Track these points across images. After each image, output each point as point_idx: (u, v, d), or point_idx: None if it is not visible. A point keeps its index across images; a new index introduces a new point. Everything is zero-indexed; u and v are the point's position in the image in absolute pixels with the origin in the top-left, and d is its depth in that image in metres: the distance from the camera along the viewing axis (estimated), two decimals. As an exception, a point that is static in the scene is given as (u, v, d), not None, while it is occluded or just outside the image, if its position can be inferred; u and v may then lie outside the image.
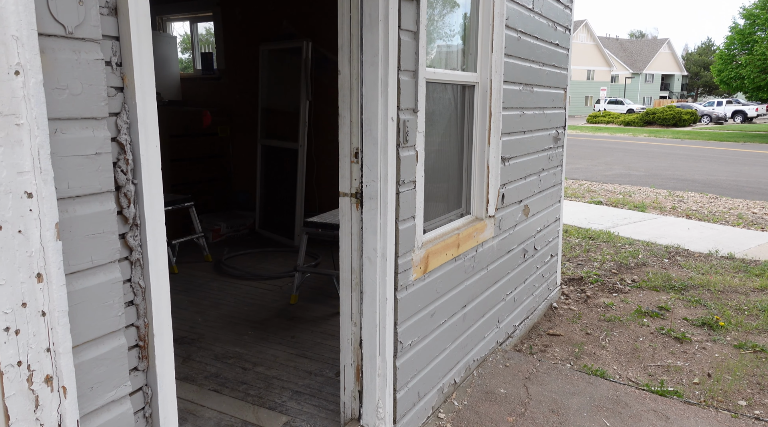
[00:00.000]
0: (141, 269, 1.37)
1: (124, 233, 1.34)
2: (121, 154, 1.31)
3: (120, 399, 1.32)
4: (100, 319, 1.27)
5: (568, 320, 4.60)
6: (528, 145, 4.00)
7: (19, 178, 1.08)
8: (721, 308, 4.87)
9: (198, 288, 4.64)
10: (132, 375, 1.38)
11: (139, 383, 1.40)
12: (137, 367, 1.40)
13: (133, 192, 1.33)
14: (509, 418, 3.05)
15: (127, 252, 1.35)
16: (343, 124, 2.43)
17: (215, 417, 2.78)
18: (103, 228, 1.26)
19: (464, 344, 3.31)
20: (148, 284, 1.38)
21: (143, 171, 1.34)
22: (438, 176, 3.14)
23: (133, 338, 1.38)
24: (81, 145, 1.21)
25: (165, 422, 1.45)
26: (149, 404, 1.43)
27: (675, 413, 3.19)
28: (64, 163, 1.19)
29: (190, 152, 6.31)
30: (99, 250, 1.26)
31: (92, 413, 1.26)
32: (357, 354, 2.58)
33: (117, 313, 1.30)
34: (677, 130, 30.56)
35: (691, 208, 9.34)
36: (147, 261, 1.37)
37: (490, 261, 3.56)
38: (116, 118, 1.30)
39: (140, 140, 1.32)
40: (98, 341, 1.27)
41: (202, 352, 3.48)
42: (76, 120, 1.20)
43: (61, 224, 1.18)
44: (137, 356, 1.39)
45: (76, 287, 1.22)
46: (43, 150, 1.12)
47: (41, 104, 1.10)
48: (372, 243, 2.44)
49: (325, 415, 2.80)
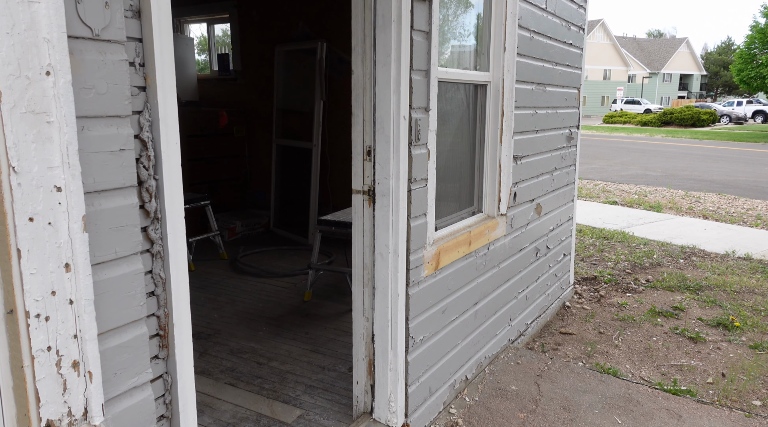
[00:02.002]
0: (162, 261, 1.43)
1: (145, 227, 1.40)
2: (144, 150, 1.37)
3: (142, 385, 1.38)
4: (124, 308, 1.33)
5: (581, 319, 4.61)
6: (540, 144, 4.02)
7: (49, 174, 1.15)
8: (736, 308, 4.83)
9: (214, 285, 4.73)
10: (153, 363, 1.45)
11: (159, 370, 1.47)
12: (158, 355, 1.46)
13: (154, 187, 1.39)
14: (520, 414, 3.07)
15: (148, 245, 1.41)
16: (356, 122, 2.48)
17: (231, 410, 2.84)
18: (126, 221, 1.33)
19: (476, 341, 3.34)
20: (168, 276, 1.44)
21: (164, 167, 1.40)
22: (450, 174, 3.18)
23: (154, 328, 1.44)
24: (106, 141, 1.28)
25: (184, 408, 1.51)
26: (169, 391, 1.49)
27: (688, 411, 3.19)
28: (91, 159, 1.25)
29: (207, 152, 6.42)
30: (122, 242, 1.32)
31: (116, 398, 1.33)
32: (369, 349, 2.62)
33: (139, 303, 1.36)
34: (695, 131, 30.20)
35: (708, 209, 9.25)
36: (167, 253, 1.43)
37: (502, 259, 3.59)
38: (139, 117, 1.36)
39: (161, 137, 1.38)
40: (122, 329, 1.33)
41: (218, 347, 3.56)
42: (101, 118, 1.26)
43: (87, 216, 1.24)
44: (158, 345, 1.46)
45: (101, 277, 1.28)
46: (72, 146, 1.18)
47: (70, 103, 1.16)
48: (384, 239, 2.48)
49: (338, 409, 2.85)
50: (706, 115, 33.60)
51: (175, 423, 1.51)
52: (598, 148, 20.39)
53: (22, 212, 1.11)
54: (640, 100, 45.90)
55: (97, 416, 1.26)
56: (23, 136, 1.10)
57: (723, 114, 37.32)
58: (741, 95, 53.90)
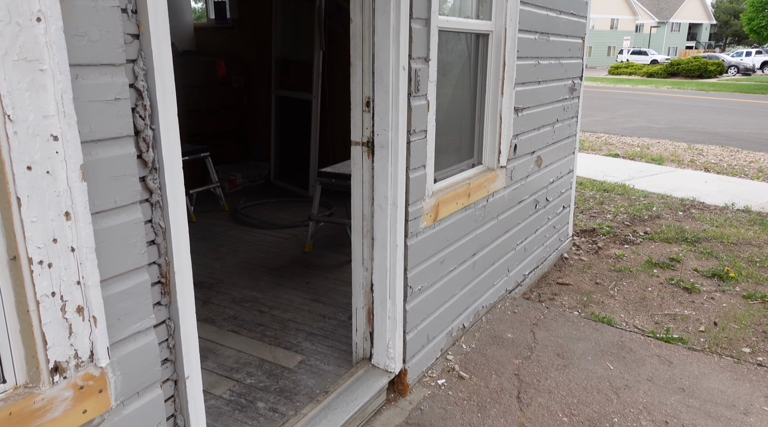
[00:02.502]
0: (161, 211, 1.45)
1: (144, 176, 1.41)
2: (139, 100, 1.36)
3: (145, 330, 1.43)
4: (125, 256, 1.35)
5: (578, 270, 4.67)
6: (542, 95, 3.97)
7: (45, 122, 1.15)
8: (732, 259, 4.89)
9: (216, 236, 4.78)
10: (156, 309, 1.49)
11: (162, 316, 1.51)
12: (160, 302, 1.50)
13: (151, 137, 1.39)
14: (515, 361, 3.17)
15: (147, 194, 1.42)
16: (355, 73, 2.45)
17: (234, 355, 2.93)
18: (124, 171, 1.34)
19: (473, 291, 3.40)
20: (168, 225, 1.46)
21: (160, 116, 1.40)
22: (450, 126, 3.16)
23: (155, 275, 1.47)
24: (101, 90, 1.27)
25: (187, 352, 1.56)
26: (172, 335, 1.54)
27: (678, 358, 3.28)
28: (86, 108, 1.25)
29: (206, 103, 6.35)
30: (121, 191, 1.33)
31: (120, 342, 1.37)
32: (368, 298, 2.68)
33: (140, 251, 1.39)
34: (702, 82, 29.69)
35: (710, 162, 9.22)
36: (166, 203, 1.45)
37: (501, 211, 3.61)
38: (133, 65, 1.34)
39: (157, 87, 1.38)
40: (124, 277, 1.36)
41: (221, 296, 3.63)
42: (95, 66, 1.25)
43: (84, 166, 1.25)
44: (160, 292, 1.49)
45: (101, 226, 1.30)
46: (66, 95, 1.17)
47: (62, 50, 1.15)
48: (383, 191, 2.50)
49: (338, 355, 2.94)
50: (714, 66, 32.95)
51: (178, 366, 1.56)
52: (602, 100, 20.11)
53: (19, 161, 1.12)
54: (647, 51, 44.90)
55: (103, 359, 1.31)
56: (17, 84, 1.10)
57: (731, 65, 36.58)
58: (750, 45, 52.67)
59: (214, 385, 2.67)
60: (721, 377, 3.10)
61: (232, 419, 2.42)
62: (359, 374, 2.65)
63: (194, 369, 1.59)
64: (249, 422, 2.40)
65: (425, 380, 2.94)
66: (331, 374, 2.75)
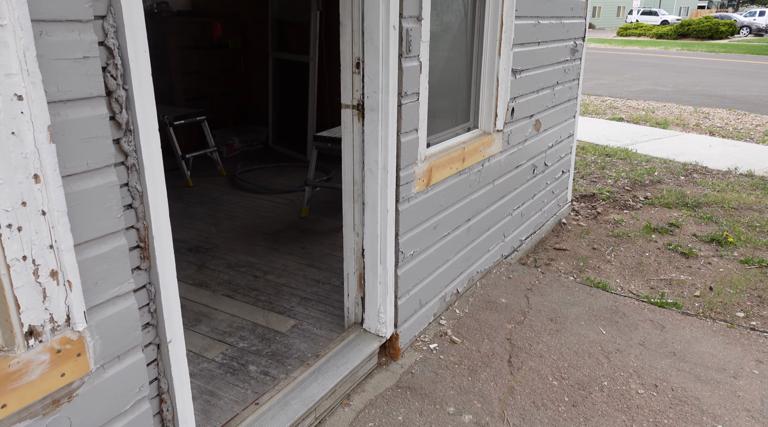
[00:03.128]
0: (137, 174, 1.42)
1: (118, 139, 1.37)
2: (110, 58, 1.32)
3: (124, 295, 1.42)
4: (100, 220, 1.33)
5: (576, 236, 4.65)
6: (542, 57, 3.87)
7: (8, 81, 1.11)
8: (732, 224, 4.86)
9: (212, 201, 4.76)
10: (135, 274, 1.47)
11: (142, 281, 1.50)
12: (140, 266, 1.48)
13: (124, 98, 1.35)
14: (508, 325, 3.18)
15: (122, 157, 1.39)
16: (345, 32, 2.38)
17: (227, 319, 2.95)
18: (96, 132, 1.30)
19: (468, 256, 3.39)
20: (145, 189, 1.43)
21: (133, 76, 1.35)
22: (445, 89, 3.09)
23: (134, 240, 1.45)
24: (68, 48, 1.22)
25: (169, 316, 1.56)
26: (153, 300, 1.53)
27: (671, 323, 3.29)
28: (53, 67, 1.20)
29: (201, 65, 6.24)
30: (94, 154, 1.30)
31: (98, 306, 1.36)
32: (359, 263, 2.67)
33: (116, 215, 1.36)
34: (712, 43, 29.03)
35: (715, 125, 9.08)
36: (142, 166, 1.42)
37: (497, 176, 3.56)
38: (102, 22, 1.29)
39: (128, 45, 1.33)
40: (99, 241, 1.34)
41: (216, 260, 3.63)
42: (60, 22, 1.20)
43: (54, 127, 1.22)
44: (139, 257, 1.48)
45: (74, 189, 1.28)
46: (29, 52, 1.13)
47: (23, 4, 1.10)
48: (373, 155, 2.46)
49: (330, 319, 2.95)
50: (725, 26, 32.13)
51: (160, 330, 1.56)
52: (609, 62, 19.72)
53: (-18, 122, 1.09)
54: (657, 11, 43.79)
55: (80, 323, 1.30)
56: (-25, 41, 1.05)
57: (743, 25, 35.67)
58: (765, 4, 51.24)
59: (207, 348, 2.69)
60: (713, 341, 3.11)
61: (223, 382, 2.44)
62: (350, 339, 2.66)
63: (177, 333, 1.59)
64: (240, 385, 2.43)
65: (417, 345, 2.96)
66: (323, 339, 2.77)
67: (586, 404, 2.59)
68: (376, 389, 2.62)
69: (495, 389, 2.65)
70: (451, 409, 2.51)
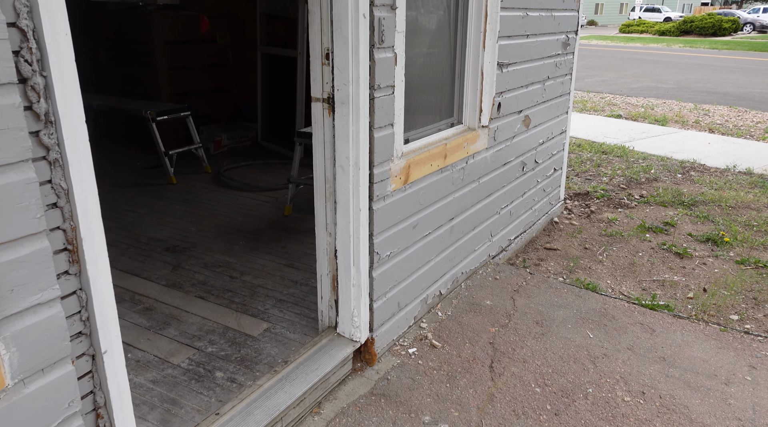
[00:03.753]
0: (62, 170, 1.30)
1: (37, 131, 1.25)
2: (24, 42, 1.20)
3: (48, 302, 1.30)
4: (16, 220, 1.22)
5: (568, 235, 4.53)
6: (531, 50, 3.74)
7: None
8: (729, 223, 4.72)
9: (195, 199, 4.64)
10: (62, 279, 1.36)
11: (71, 287, 1.38)
12: (68, 271, 1.36)
13: (42, 86, 1.23)
14: (491, 329, 3.06)
15: (43, 151, 1.27)
16: (313, 21, 2.26)
17: (198, 322, 2.83)
18: (9, 124, 1.18)
19: (451, 257, 3.27)
20: (70, 186, 1.31)
21: (52, 62, 1.23)
22: (426, 83, 2.96)
23: (60, 242, 1.34)
24: (-29, 31, 1.11)
25: (104, 324, 1.44)
26: (85, 307, 1.41)
27: (662, 326, 3.16)
28: (-47, 52, 1.09)
29: (188, 60, 6.12)
30: (6, 147, 1.18)
31: (15, 316, 1.25)
32: (332, 264, 2.55)
33: (35, 215, 1.25)
34: (715, 40, 28.79)
35: (715, 122, 8.92)
36: (66, 161, 1.30)
37: (483, 173, 3.44)
38: (13, 1, 1.17)
39: (45, 27, 1.21)
40: (16, 243, 1.23)
41: (193, 260, 3.52)
42: (-39, 3, 1.09)
43: (-44, 119, 1.10)
44: (67, 260, 1.36)
45: (-17, 187, 1.16)
46: None
47: None
48: (344, 151, 2.33)
49: (305, 322, 2.83)
50: (729, 23, 31.88)
51: (95, 340, 1.44)
52: (611, 59, 19.54)
53: None
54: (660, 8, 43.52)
55: (-9, 334, 1.18)
56: None
57: (747, 22, 35.39)
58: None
59: (174, 353, 2.58)
60: (705, 346, 2.99)
61: (187, 390, 2.33)
62: (322, 344, 2.55)
63: (113, 342, 1.47)
64: (204, 393, 2.31)
65: (395, 349, 2.84)
66: (295, 343, 2.65)
67: (569, 412, 2.46)
68: (349, 396, 2.50)
69: (474, 397, 2.53)
70: (427, 418, 2.39)
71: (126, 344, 2.63)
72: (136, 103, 5.45)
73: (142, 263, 3.46)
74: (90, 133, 5.98)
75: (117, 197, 4.61)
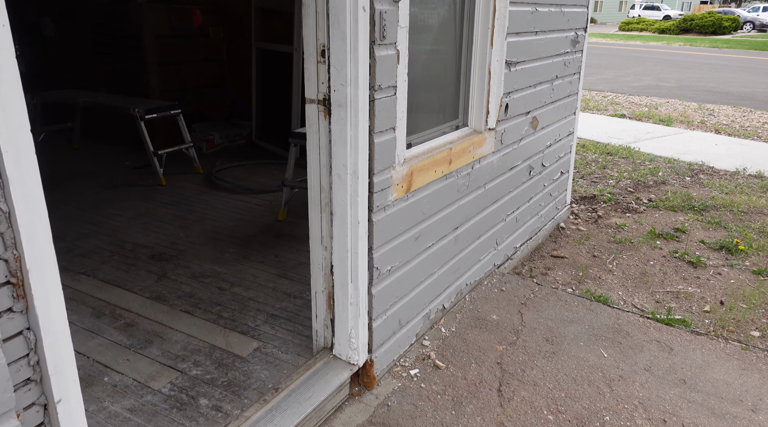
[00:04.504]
0: (1, 190, 1.09)
1: (-32, 144, 1.04)
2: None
3: (-14, 347, 1.09)
4: (-58, 253, 1.00)
5: (575, 242, 4.32)
6: (540, 48, 3.52)
7: None
8: (742, 230, 4.52)
9: (184, 201, 4.42)
10: (5, 318, 1.14)
11: (16, 327, 1.17)
12: (11, 308, 1.15)
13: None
14: (499, 347, 2.85)
15: (-23, 168, 1.06)
16: (308, 14, 2.04)
17: (183, 340, 2.62)
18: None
19: (455, 268, 3.06)
20: (12, 208, 1.10)
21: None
22: (429, 83, 2.75)
23: (1, 275, 1.12)
24: None
25: (57, 369, 1.23)
26: (34, 350, 1.20)
27: (680, 344, 2.97)
28: None
29: (180, 55, 5.88)
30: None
31: (-57, 366, 1.03)
32: (328, 280, 2.34)
33: (-32, 245, 1.03)
34: (715, 39, 28.61)
35: (721, 123, 8.73)
36: (6, 179, 1.08)
37: (489, 179, 3.23)
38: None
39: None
40: (-57, 280, 1.01)
41: (179, 269, 3.30)
42: None
43: None
44: (11, 296, 1.14)
45: None
46: None
47: None
48: (341, 158, 2.12)
49: (299, 341, 2.62)
50: (729, 21, 31.69)
51: (46, 387, 1.23)
52: (611, 57, 19.34)
53: None
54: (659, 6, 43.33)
55: None
56: None
57: (747, 20, 35.22)
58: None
59: (155, 377, 2.37)
60: (727, 367, 2.79)
61: (167, 420, 2.11)
62: (317, 367, 2.34)
63: (69, 390, 1.25)
64: (186, 424, 2.10)
65: (396, 370, 2.63)
66: (288, 365, 2.44)
67: (585, 443, 2.26)
68: (345, 425, 2.29)
69: (482, 426, 2.32)
70: (430, 450, 2.19)
71: (103, 366, 2.42)
72: (125, 100, 5.21)
73: (125, 273, 3.24)
74: (77, 131, 5.75)
75: (103, 199, 4.39)
